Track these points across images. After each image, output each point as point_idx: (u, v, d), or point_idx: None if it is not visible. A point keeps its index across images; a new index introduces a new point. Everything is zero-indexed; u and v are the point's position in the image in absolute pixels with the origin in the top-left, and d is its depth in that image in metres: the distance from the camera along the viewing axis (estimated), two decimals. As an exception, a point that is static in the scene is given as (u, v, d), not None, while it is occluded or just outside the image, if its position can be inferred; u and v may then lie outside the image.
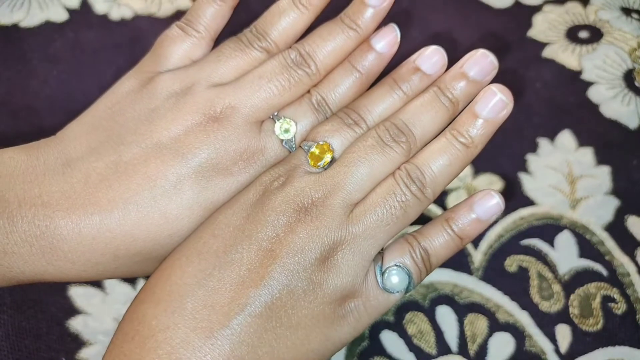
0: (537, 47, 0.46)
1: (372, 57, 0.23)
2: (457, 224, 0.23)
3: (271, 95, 0.22)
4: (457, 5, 0.49)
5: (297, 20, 0.23)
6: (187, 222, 0.21)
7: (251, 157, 0.22)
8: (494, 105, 0.23)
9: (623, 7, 0.49)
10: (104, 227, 0.20)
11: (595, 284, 0.35)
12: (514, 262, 0.35)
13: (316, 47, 0.23)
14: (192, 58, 0.23)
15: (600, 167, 0.39)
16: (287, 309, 0.20)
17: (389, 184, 0.22)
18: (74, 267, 0.21)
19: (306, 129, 0.23)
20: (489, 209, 0.24)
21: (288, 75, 0.23)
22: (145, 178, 0.21)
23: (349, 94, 0.24)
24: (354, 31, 0.23)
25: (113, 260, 0.21)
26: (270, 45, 0.23)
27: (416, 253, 0.23)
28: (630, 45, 0.46)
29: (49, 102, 0.44)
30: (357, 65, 0.23)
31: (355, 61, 0.24)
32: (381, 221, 0.22)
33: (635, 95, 0.43)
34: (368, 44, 0.24)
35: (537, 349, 0.32)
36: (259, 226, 0.20)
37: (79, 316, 0.33)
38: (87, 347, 0.32)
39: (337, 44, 0.23)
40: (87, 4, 0.51)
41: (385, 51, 0.24)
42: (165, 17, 0.50)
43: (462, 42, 0.46)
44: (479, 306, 0.34)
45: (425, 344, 0.33)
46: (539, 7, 0.49)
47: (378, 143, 0.22)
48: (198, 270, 0.20)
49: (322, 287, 0.21)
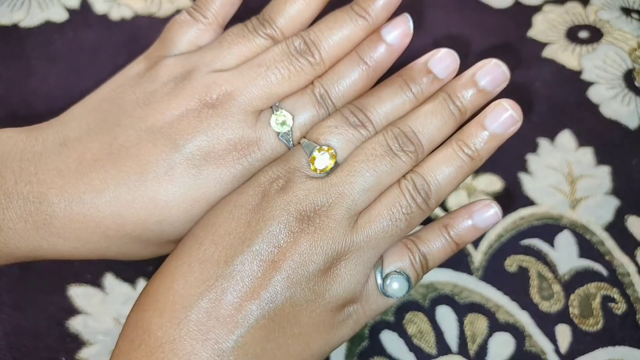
0: (537, 47, 0.46)
1: (382, 49, 0.22)
2: (454, 230, 0.23)
3: (270, 83, 0.21)
4: (457, 4, 0.49)
5: (304, 8, 0.22)
6: (176, 211, 0.21)
7: (245, 148, 0.21)
8: (504, 121, 0.22)
9: (623, 7, 0.49)
10: (94, 206, 0.20)
11: (595, 284, 0.35)
12: (514, 262, 0.35)
13: (322, 36, 0.22)
14: (199, 44, 0.23)
15: (600, 167, 0.39)
16: (290, 319, 0.20)
17: (395, 194, 0.22)
18: (65, 243, 0.21)
19: (305, 123, 0.22)
20: (486, 218, 0.24)
21: (289, 63, 0.22)
22: (137, 162, 0.21)
23: (354, 88, 0.23)
24: (364, 20, 0.22)
25: (104, 239, 0.21)
26: (275, 33, 0.22)
27: (415, 259, 0.23)
28: (630, 45, 0.46)
29: (49, 102, 0.44)
30: (365, 57, 0.22)
31: (364, 52, 0.22)
32: (385, 232, 0.21)
33: (635, 95, 0.43)
34: (378, 34, 0.22)
35: (537, 349, 0.32)
36: (260, 236, 0.20)
37: (79, 316, 0.33)
38: (86, 347, 0.32)
39: (345, 33, 0.22)
40: (87, 3, 0.51)
41: (397, 43, 0.23)
42: (166, 16, 0.50)
43: (462, 42, 0.46)
44: (479, 306, 0.34)
45: (425, 344, 0.32)
46: (539, 7, 0.49)
47: (387, 153, 0.22)
48: (200, 281, 0.20)
49: (324, 296, 0.21)
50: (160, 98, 0.21)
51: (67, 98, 0.47)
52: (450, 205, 0.37)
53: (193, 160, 0.21)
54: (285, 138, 0.22)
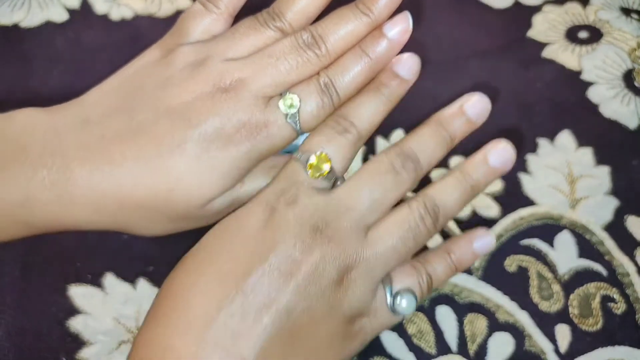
0: (537, 47, 0.46)
1: (383, 44, 0.24)
2: (456, 255, 0.26)
3: (279, 72, 0.23)
4: (457, 5, 0.49)
5: (311, 3, 0.24)
6: (186, 180, 0.22)
7: (254, 128, 0.23)
8: (506, 160, 0.25)
9: (623, 7, 0.49)
10: (113, 176, 0.22)
11: (595, 283, 0.35)
12: (513, 262, 0.35)
13: (328, 30, 0.24)
14: (212, 33, 0.24)
15: (599, 167, 0.39)
16: (306, 330, 0.21)
17: (405, 213, 0.23)
18: (83, 213, 0.22)
19: (311, 109, 0.23)
20: (484, 245, 0.27)
21: (297, 55, 0.23)
22: (154, 137, 0.22)
23: (357, 79, 0.24)
24: (367, 17, 0.24)
25: (120, 210, 0.23)
26: (284, 25, 0.24)
27: (423, 279, 0.24)
28: (630, 45, 0.46)
29: (50, 102, 0.44)
30: (368, 51, 0.24)
31: (366, 47, 0.24)
32: (394, 249, 0.23)
33: (635, 96, 0.43)
34: (380, 30, 0.24)
35: (536, 349, 0.32)
36: (275, 250, 0.21)
37: (79, 316, 0.33)
38: (87, 347, 0.32)
39: (350, 28, 0.24)
40: (87, 4, 0.51)
41: (397, 38, 0.24)
42: (166, 17, 0.50)
43: (462, 42, 0.46)
44: (478, 306, 0.34)
45: (425, 344, 0.33)
46: (539, 7, 0.49)
47: (389, 171, 0.23)
48: (219, 299, 0.21)
49: (339, 308, 0.22)
50: (178, 82, 0.23)
51: (68, 97, 0.47)
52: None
53: (205, 136, 0.22)
54: (292, 120, 0.23)
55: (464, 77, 0.44)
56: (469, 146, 0.41)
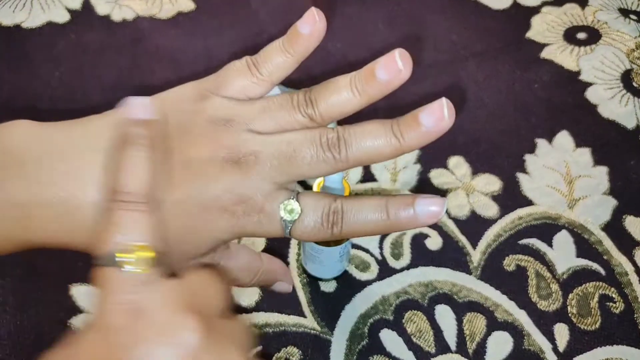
0: (536, 48, 0.47)
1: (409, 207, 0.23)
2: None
3: (292, 162, 0.23)
4: (456, 6, 0.49)
5: (348, 100, 0.23)
6: (173, 230, 0.22)
7: (250, 209, 0.23)
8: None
9: (621, 9, 0.49)
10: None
11: (593, 283, 0.35)
12: (512, 262, 0.35)
13: (355, 139, 0.23)
14: (249, 95, 0.24)
15: (597, 168, 0.40)
16: None
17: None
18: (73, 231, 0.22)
19: (307, 225, 0.23)
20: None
21: (316, 151, 0.23)
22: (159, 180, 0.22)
23: (365, 226, 0.23)
24: (397, 141, 0.23)
25: None
26: (315, 114, 0.24)
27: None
28: (628, 46, 0.47)
29: (51, 103, 0.44)
30: (390, 212, 0.23)
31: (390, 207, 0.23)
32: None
33: (633, 96, 0.44)
34: (402, 150, 0.23)
35: (535, 348, 0.33)
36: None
37: (81, 315, 0.33)
38: (89, 346, 0.32)
39: (376, 144, 0.23)
40: (89, 5, 0.51)
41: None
42: (166, 18, 0.50)
43: (461, 43, 0.46)
44: (477, 305, 0.34)
45: (424, 343, 0.33)
46: (537, 8, 0.49)
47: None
48: None
49: None
50: (199, 133, 0.23)
51: (69, 97, 0.47)
52: (449, 205, 0.38)
53: (201, 201, 0.22)
54: (284, 224, 0.23)
55: (462, 78, 0.44)
56: (469, 146, 0.41)
